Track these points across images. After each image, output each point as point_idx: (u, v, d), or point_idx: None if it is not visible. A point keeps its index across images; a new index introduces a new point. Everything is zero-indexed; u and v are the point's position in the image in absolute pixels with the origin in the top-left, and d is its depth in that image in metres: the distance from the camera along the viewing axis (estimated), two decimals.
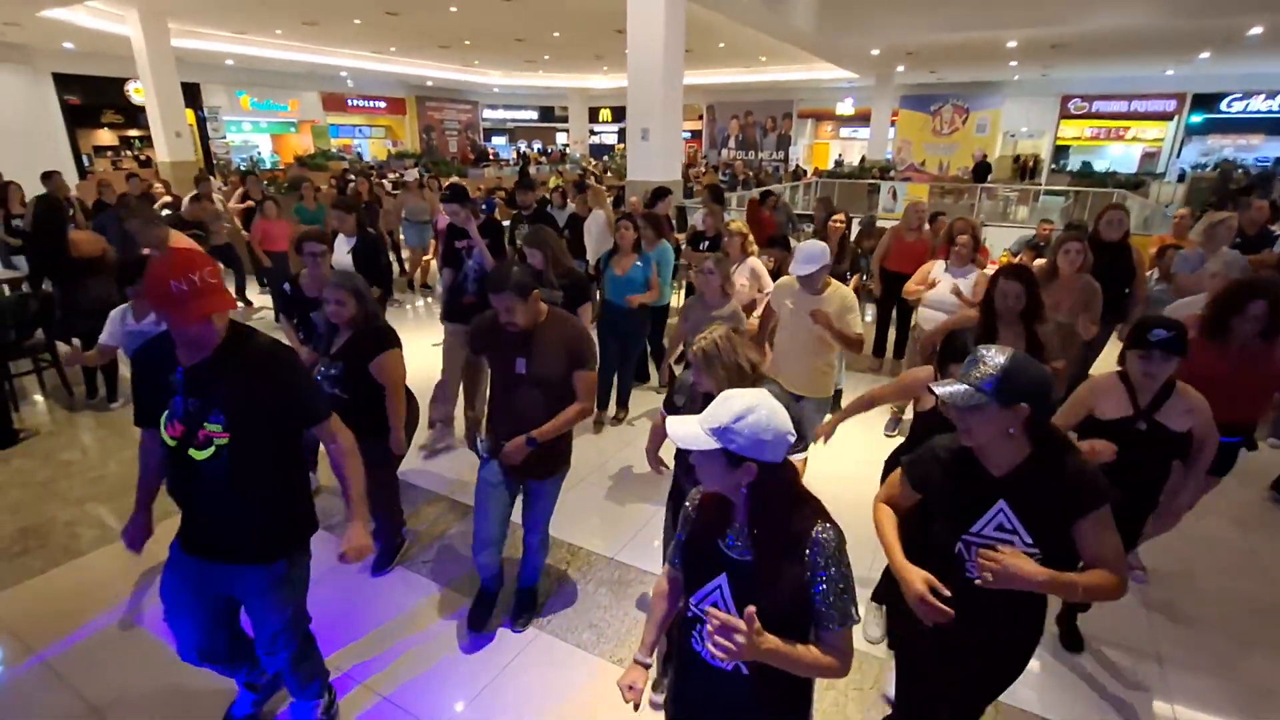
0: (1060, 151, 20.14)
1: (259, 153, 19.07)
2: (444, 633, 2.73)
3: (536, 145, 26.64)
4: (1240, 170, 15.74)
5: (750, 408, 1.25)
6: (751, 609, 1.21)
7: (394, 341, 2.81)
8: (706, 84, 20.62)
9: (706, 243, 5.28)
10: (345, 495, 1.98)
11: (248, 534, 1.84)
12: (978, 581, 1.48)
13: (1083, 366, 4.21)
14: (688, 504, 1.50)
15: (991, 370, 1.49)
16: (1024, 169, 19.63)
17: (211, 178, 9.26)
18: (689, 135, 24.91)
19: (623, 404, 4.79)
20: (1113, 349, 3.57)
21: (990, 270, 3.86)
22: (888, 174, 16.59)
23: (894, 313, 5.72)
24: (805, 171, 19.23)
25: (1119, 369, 2.39)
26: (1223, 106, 18.00)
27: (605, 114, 26.45)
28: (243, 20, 12.33)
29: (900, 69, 16.76)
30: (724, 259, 3.58)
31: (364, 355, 2.73)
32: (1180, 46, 13.05)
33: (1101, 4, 9.95)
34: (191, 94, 15.53)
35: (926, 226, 5.51)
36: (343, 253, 4.26)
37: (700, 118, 24.57)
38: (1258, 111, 17.69)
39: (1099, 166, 18.40)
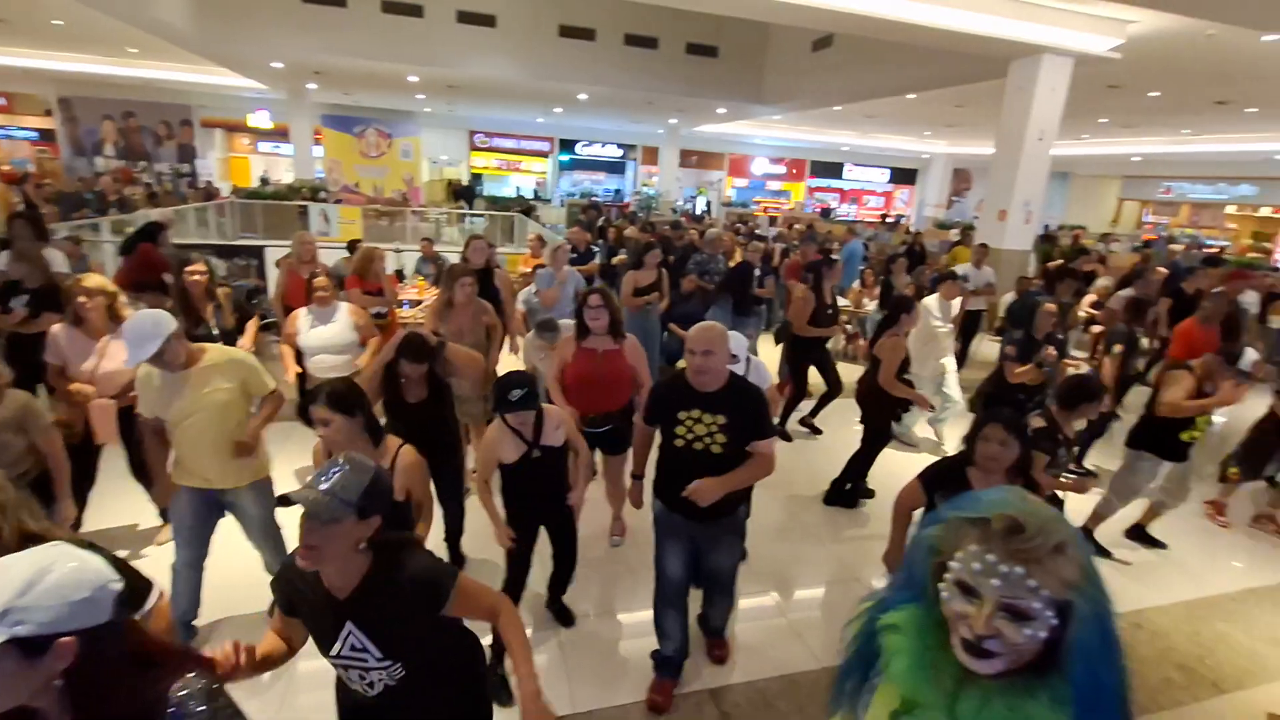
0: (476, 179, 23.11)
1: None
2: None
3: None
4: (521, 197, 21.22)
5: (41, 569, 0.91)
6: None
7: None
8: (54, 70, 15.54)
9: (26, 296, 3.80)
10: None
11: None
12: None
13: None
14: None
15: (355, 478, 1.34)
16: (458, 193, 21.74)
17: None
18: (34, 136, 18.59)
19: None
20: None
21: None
22: (319, 195, 15.85)
23: None
24: (219, 190, 16.68)
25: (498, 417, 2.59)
26: (578, 149, 23.80)
27: None
28: None
29: (313, 86, 16.13)
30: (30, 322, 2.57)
31: None
32: (540, 101, 16.57)
33: (470, 59, 11.93)
34: None
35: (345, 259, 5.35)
36: None
37: (48, 113, 18.52)
38: (600, 156, 24.06)
39: (506, 193, 21.95)
